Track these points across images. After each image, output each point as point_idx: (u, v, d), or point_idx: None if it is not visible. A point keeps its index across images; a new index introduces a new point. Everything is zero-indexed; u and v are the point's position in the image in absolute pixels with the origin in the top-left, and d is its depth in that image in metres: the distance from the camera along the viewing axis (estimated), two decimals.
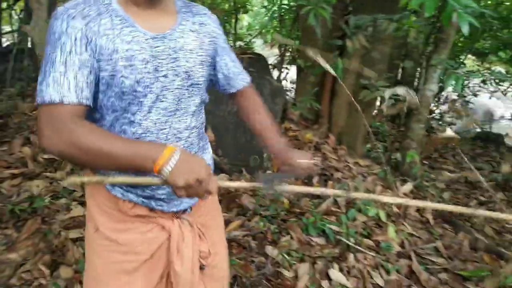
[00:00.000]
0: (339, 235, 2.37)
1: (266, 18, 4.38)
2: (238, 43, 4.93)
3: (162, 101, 0.95)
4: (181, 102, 0.99)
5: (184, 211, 1.11)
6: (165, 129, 0.98)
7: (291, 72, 4.72)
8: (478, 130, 7.43)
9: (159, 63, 0.93)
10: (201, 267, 1.13)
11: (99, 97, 0.91)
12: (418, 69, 5.21)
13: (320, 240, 2.37)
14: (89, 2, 0.88)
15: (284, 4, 3.61)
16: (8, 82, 3.95)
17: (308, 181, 2.95)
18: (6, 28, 5.66)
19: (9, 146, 3.01)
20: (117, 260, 1.05)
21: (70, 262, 2.01)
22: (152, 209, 1.05)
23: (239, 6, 4.48)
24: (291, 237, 2.34)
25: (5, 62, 4.03)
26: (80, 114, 0.83)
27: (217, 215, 1.28)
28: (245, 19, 8.77)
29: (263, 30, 6.89)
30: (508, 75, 3.98)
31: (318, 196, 2.80)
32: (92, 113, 0.94)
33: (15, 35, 4.77)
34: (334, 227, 2.41)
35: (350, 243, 2.31)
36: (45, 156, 2.90)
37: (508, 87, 5.01)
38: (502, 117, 11.28)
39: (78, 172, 2.67)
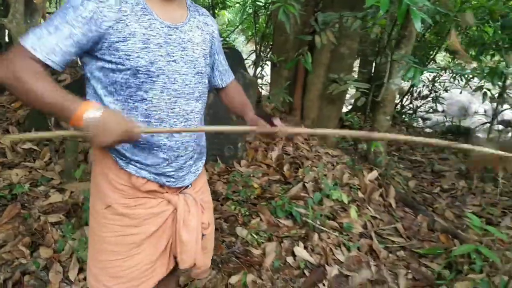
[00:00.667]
0: (306, 217, 2.54)
1: (243, 14, 4.51)
2: None
3: (173, 83, 1.08)
4: (188, 87, 1.13)
5: (187, 186, 1.25)
6: (174, 108, 1.11)
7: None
8: (449, 124, 7.74)
9: (171, 49, 1.07)
10: (202, 237, 1.28)
11: (113, 74, 1.02)
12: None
13: (288, 222, 2.54)
14: None
15: (258, 1, 3.76)
16: None
17: (279, 169, 3.12)
18: None
19: None
20: (128, 233, 1.16)
21: (50, 243, 2.12)
22: (161, 185, 1.17)
23: (216, 2, 4.60)
24: (261, 219, 2.50)
25: None
26: (39, 69, 0.94)
27: (209, 194, 1.44)
28: (226, 16, 8.88)
29: (244, 27, 7.03)
30: (467, 70, 4.21)
31: (288, 182, 2.97)
32: (105, 87, 1.05)
33: None
34: (301, 210, 2.58)
35: (315, 224, 2.48)
36: (24, 147, 2.98)
37: (476, 83, 5.27)
38: (475, 113, 11.74)
39: (56, 161, 2.76)
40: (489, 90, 3.97)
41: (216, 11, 5.64)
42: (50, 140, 2.98)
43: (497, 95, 4.22)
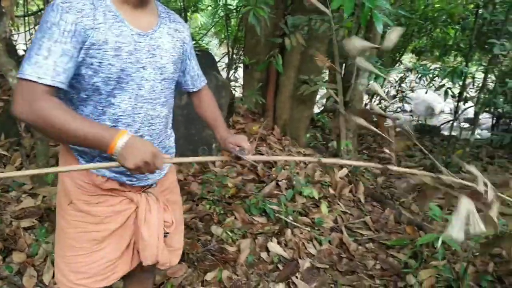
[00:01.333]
0: (279, 214, 2.62)
1: (214, 17, 4.57)
2: None
3: (140, 89, 1.12)
4: (155, 93, 1.16)
5: (150, 185, 1.29)
6: (140, 113, 1.14)
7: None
8: (416, 123, 8.05)
9: (140, 56, 1.10)
10: (165, 235, 1.31)
11: (88, 81, 1.05)
12: None
13: (262, 219, 2.62)
14: None
15: (229, 5, 3.83)
16: None
17: (253, 168, 3.19)
18: None
19: None
20: (89, 230, 1.20)
21: (22, 248, 2.10)
22: (122, 184, 1.21)
23: (188, 5, 4.63)
24: (235, 218, 2.56)
25: None
26: (51, 93, 0.97)
27: (177, 194, 1.47)
28: (198, 19, 8.89)
29: (217, 30, 7.07)
30: (429, 70, 4.44)
31: (262, 181, 3.05)
32: (79, 93, 1.08)
33: None
34: (274, 207, 2.66)
35: (288, 220, 2.57)
36: None
37: (439, 82, 5.53)
38: (442, 112, 12.25)
39: (27, 166, 2.73)
40: (450, 88, 4.20)
41: (188, 14, 5.67)
42: (20, 145, 2.94)
43: (458, 93, 4.46)
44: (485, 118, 10.75)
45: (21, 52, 4.14)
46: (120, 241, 1.25)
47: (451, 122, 5.12)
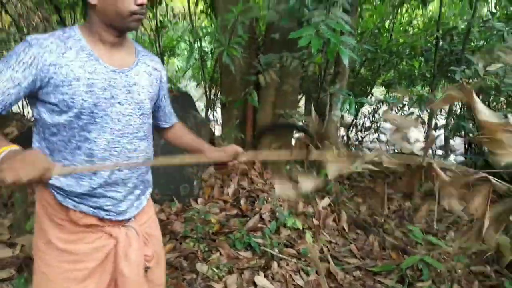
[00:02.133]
0: (264, 247, 2.61)
1: (189, 61, 4.73)
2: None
3: (117, 123, 1.16)
4: (132, 127, 1.20)
5: (129, 219, 1.27)
6: (117, 147, 1.17)
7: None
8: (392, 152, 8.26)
9: (115, 92, 1.14)
10: (146, 269, 1.29)
11: (60, 116, 1.08)
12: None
13: (247, 254, 2.60)
14: (59, 36, 1.08)
15: (204, 47, 3.99)
16: None
17: (236, 203, 3.20)
18: None
19: None
20: (69, 269, 1.17)
21: None
22: (101, 219, 1.20)
23: (164, 50, 4.79)
24: (220, 254, 2.53)
25: None
26: None
27: (156, 227, 1.45)
28: (175, 63, 9.12)
29: (194, 73, 7.26)
30: (395, 100, 4.67)
31: (245, 215, 3.05)
32: (48, 128, 1.11)
33: None
34: (259, 240, 2.66)
35: (273, 253, 2.56)
36: None
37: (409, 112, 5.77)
38: (417, 140, 12.65)
39: (4, 215, 2.66)
40: (419, 116, 4.39)
41: (165, 58, 5.83)
42: None
43: (427, 120, 4.66)
44: (459, 144, 11.12)
45: None
46: (101, 279, 1.23)
47: (424, 149, 5.29)
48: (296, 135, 3.60)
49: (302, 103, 6.10)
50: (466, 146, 7.22)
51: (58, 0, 4.19)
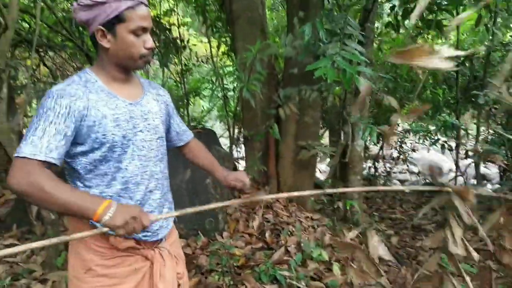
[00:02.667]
0: (291, 280, 2.55)
1: (212, 98, 4.92)
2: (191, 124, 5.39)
3: (141, 150, 1.26)
4: (153, 151, 1.31)
5: (161, 240, 1.36)
6: (146, 171, 1.27)
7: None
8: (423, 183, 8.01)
9: (136, 122, 1.25)
10: (178, 287, 1.38)
11: (96, 153, 1.17)
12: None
13: (273, 287, 2.54)
14: (79, 82, 1.18)
15: (225, 85, 4.16)
16: None
17: (261, 236, 3.17)
18: None
19: None
20: None
21: None
22: (138, 241, 1.28)
23: (189, 91, 5.01)
24: (246, 287, 2.49)
25: None
26: (45, 167, 1.06)
27: (180, 248, 1.55)
28: (200, 103, 9.44)
29: (219, 114, 7.49)
30: (422, 129, 4.60)
31: (270, 248, 3.01)
32: (85, 167, 1.19)
33: None
34: (285, 273, 2.60)
35: (300, 286, 2.49)
36: (5, 243, 2.97)
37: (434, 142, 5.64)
38: (450, 170, 12.22)
39: (37, 253, 2.75)
40: (446, 142, 4.30)
41: (190, 99, 6.08)
42: (31, 233, 3.00)
43: (455, 147, 4.55)
44: (494, 173, 10.65)
45: None
46: None
47: (455, 177, 5.13)
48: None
49: (327, 134, 6.15)
50: (501, 174, 6.93)
51: (90, 50, 4.53)
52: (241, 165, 4.98)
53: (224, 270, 2.65)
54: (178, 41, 5.31)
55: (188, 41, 5.71)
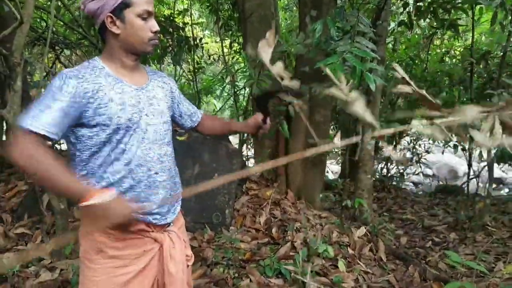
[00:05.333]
0: (296, 274, 2.55)
1: (222, 94, 4.95)
2: None
3: (146, 133, 1.30)
4: (159, 135, 1.35)
5: (169, 224, 1.41)
6: (150, 154, 1.31)
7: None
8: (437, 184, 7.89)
9: (141, 106, 1.30)
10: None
11: (101, 135, 1.22)
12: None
13: (278, 281, 2.54)
14: (87, 66, 1.24)
15: (236, 82, 4.18)
16: None
17: (267, 232, 3.17)
18: None
19: None
20: (119, 273, 1.28)
21: None
22: (148, 224, 1.32)
23: (201, 89, 5.05)
24: (250, 280, 2.50)
25: None
26: (42, 142, 1.11)
27: (186, 234, 1.58)
28: (212, 102, 9.51)
29: (231, 112, 7.54)
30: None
31: (277, 243, 3.01)
32: (90, 148, 1.23)
33: None
34: (290, 268, 2.60)
35: (305, 280, 2.49)
36: (17, 231, 3.05)
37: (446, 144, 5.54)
38: (465, 174, 11.98)
39: (47, 242, 2.82)
40: (459, 143, 4.23)
41: (203, 98, 6.13)
42: (41, 222, 3.07)
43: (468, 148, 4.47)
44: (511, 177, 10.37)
45: None
46: (145, 280, 1.33)
47: (468, 179, 5.03)
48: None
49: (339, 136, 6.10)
50: None
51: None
52: (251, 162, 4.99)
53: (229, 263, 2.66)
54: (191, 40, 5.37)
55: (201, 40, 5.77)
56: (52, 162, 1.09)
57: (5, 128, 4.47)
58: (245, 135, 4.45)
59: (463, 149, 4.40)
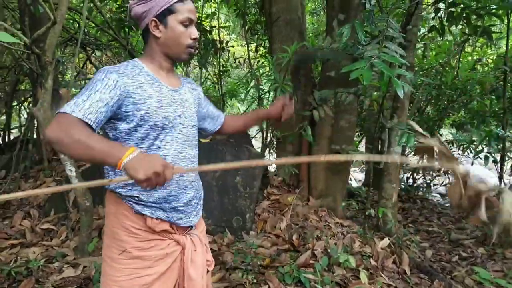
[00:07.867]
0: (315, 283, 2.50)
1: (246, 97, 4.93)
2: None
3: (179, 133, 1.34)
4: (189, 136, 1.38)
5: (192, 228, 1.42)
6: (181, 153, 1.34)
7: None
8: None
9: (176, 106, 1.34)
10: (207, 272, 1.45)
11: (139, 130, 1.24)
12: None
13: None
14: (127, 65, 1.28)
15: (261, 86, 4.16)
16: (13, 167, 4.26)
17: (288, 238, 3.13)
18: (15, 124, 6.26)
19: (10, 220, 3.26)
20: (142, 274, 1.29)
21: None
22: (172, 226, 1.33)
23: (224, 92, 5.06)
24: (269, 287, 2.47)
25: (13, 151, 4.34)
26: (82, 124, 1.10)
27: (207, 238, 1.59)
28: (236, 106, 9.54)
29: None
30: (465, 138, 4.36)
31: (297, 250, 2.96)
32: (128, 143, 1.25)
33: (22, 129, 5.20)
34: (310, 276, 2.55)
35: None
36: (43, 227, 3.14)
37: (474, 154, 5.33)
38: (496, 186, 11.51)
39: (71, 238, 2.88)
40: (490, 153, 4.06)
41: (227, 101, 6.15)
42: (66, 219, 3.14)
43: (499, 158, 4.28)
44: None
45: None
46: (167, 282, 1.33)
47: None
48: None
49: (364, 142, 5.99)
50: None
51: (134, 50, 4.71)
52: (273, 167, 4.96)
53: (248, 268, 2.64)
54: (218, 43, 5.41)
55: (227, 43, 5.80)
56: (89, 133, 1.08)
57: (35, 126, 4.62)
58: (268, 139, 4.42)
59: (494, 161, 4.21)
